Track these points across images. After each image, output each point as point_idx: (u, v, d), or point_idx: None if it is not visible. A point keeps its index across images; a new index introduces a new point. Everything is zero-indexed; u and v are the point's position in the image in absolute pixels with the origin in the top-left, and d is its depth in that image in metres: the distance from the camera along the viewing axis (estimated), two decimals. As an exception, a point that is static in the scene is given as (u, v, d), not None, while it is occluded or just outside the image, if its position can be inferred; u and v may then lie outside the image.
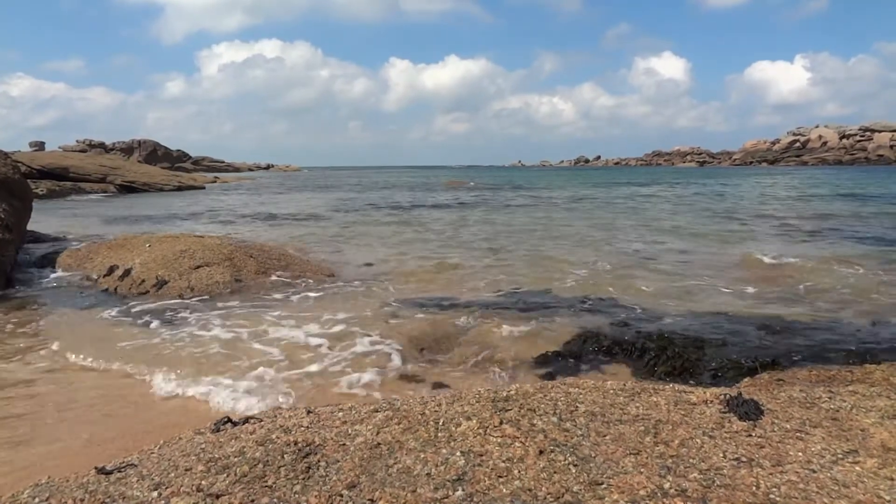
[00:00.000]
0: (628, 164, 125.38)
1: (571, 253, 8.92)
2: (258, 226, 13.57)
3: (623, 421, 2.03)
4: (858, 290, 6.18)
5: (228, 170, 77.34)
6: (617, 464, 1.75)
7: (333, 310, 5.52)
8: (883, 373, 2.81)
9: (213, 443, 2.01)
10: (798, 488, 1.62)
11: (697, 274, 7.22)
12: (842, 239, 10.34)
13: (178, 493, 1.67)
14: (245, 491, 1.66)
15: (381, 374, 3.95)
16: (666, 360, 4.03)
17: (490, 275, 7.26)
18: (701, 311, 5.37)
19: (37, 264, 7.67)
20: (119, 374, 3.97)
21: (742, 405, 2.11)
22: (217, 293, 5.98)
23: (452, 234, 11.67)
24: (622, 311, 5.41)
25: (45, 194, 22.19)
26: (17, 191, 8.05)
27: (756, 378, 3.18)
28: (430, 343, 4.51)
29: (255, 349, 4.43)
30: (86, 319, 5.31)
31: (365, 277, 7.10)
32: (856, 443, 1.88)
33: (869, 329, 4.81)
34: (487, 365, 4.08)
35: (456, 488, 1.65)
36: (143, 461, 1.91)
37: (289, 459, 1.83)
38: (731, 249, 9.19)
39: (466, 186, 34.39)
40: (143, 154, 61.25)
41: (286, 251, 7.75)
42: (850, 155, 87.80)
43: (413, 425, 2.04)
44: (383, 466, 1.78)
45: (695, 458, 1.77)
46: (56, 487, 1.76)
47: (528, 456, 1.80)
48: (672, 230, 11.98)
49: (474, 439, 1.92)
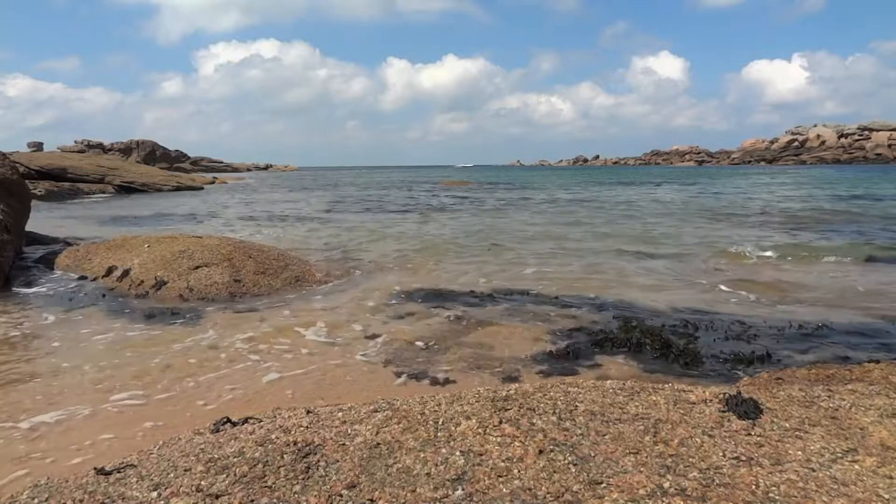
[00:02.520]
0: (627, 163, 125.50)
1: (570, 254, 8.93)
2: (257, 226, 13.56)
3: (622, 420, 2.03)
4: (853, 290, 6.20)
5: (227, 170, 77.30)
6: (616, 463, 1.75)
7: (332, 310, 5.52)
8: (882, 371, 2.81)
9: (212, 443, 2.01)
10: (797, 487, 1.62)
11: (694, 273, 7.23)
12: (837, 237, 10.36)
13: (177, 494, 1.66)
14: (244, 491, 1.66)
15: (380, 373, 3.95)
16: (672, 358, 4.06)
17: (490, 275, 7.26)
18: (695, 309, 5.38)
19: (35, 265, 7.66)
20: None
21: (741, 404, 2.11)
22: (216, 294, 5.97)
23: (452, 234, 11.67)
24: (619, 309, 5.42)
25: (44, 195, 22.17)
26: (16, 191, 8.05)
27: (755, 377, 3.18)
28: (430, 342, 4.51)
29: (252, 352, 4.43)
30: (85, 320, 5.30)
31: (363, 277, 7.10)
32: (855, 441, 1.88)
33: (865, 327, 4.82)
34: (486, 364, 4.08)
35: (455, 488, 1.65)
36: (143, 461, 1.91)
37: (288, 459, 1.83)
38: (721, 247, 9.20)
39: (466, 187, 34.39)
40: (141, 154, 61.18)
41: (285, 251, 7.74)
42: (848, 154, 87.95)
43: (412, 425, 2.04)
44: (383, 466, 1.78)
45: (694, 457, 1.78)
46: (55, 488, 1.76)
47: (527, 455, 1.80)
48: (667, 233, 12.00)
49: (474, 439, 1.92)
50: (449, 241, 10.36)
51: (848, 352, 4.19)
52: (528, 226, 13.08)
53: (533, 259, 8.37)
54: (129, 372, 3.96)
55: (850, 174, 44.82)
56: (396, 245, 9.94)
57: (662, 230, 11.86)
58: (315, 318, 5.21)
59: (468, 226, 13.15)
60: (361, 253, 9.03)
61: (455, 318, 5.18)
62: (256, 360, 4.18)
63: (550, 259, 8.37)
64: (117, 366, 4.08)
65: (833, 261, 7.91)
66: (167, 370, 4.00)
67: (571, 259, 8.35)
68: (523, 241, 10.41)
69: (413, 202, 21.59)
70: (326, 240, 10.74)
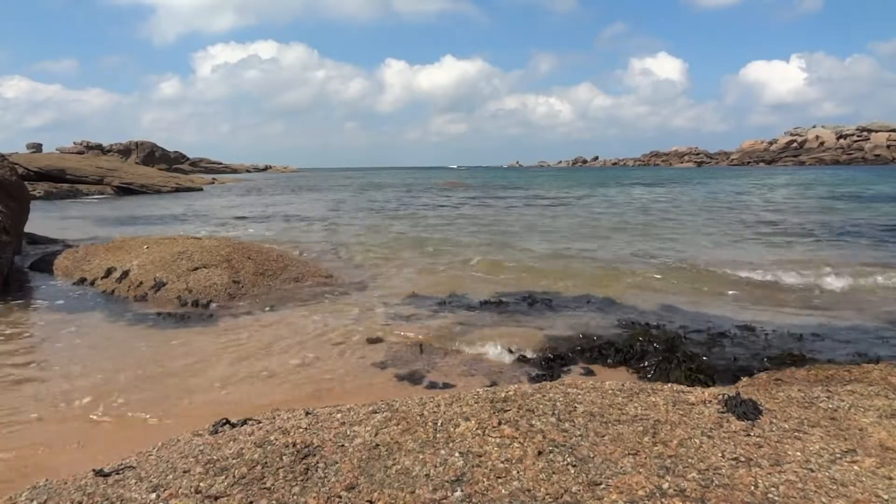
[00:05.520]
0: (626, 164, 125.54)
1: (560, 254, 8.93)
2: (256, 227, 13.55)
3: (621, 421, 2.03)
4: (850, 293, 6.20)
5: (226, 171, 77.26)
6: (615, 464, 1.75)
7: (331, 311, 5.52)
8: (881, 372, 2.81)
9: (211, 444, 2.00)
10: (796, 488, 1.62)
11: (691, 274, 7.23)
12: (833, 240, 10.36)
13: (176, 495, 1.66)
14: (243, 492, 1.66)
15: (379, 375, 3.95)
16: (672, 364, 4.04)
17: (489, 274, 7.26)
18: (692, 313, 5.38)
19: (34, 266, 7.65)
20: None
21: (740, 405, 2.11)
22: (215, 295, 5.96)
23: (452, 236, 11.67)
24: (619, 311, 5.42)
25: (43, 196, 22.17)
26: (15, 193, 8.04)
27: (754, 378, 3.18)
28: (429, 343, 4.51)
29: (252, 352, 4.42)
30: (84, 321, 5.29)
31: (362, 278, 7.10)
32: (854, 442, 1.88)
33: (865, 329, 4.82)
34: (485, 365, 4.08)
35: (454, 489, 1.65)
36: (142, 463, 1.91)
37: (287, 461, 1.83)
38: (717, 251, 9.20)
39: (464, 188, 34.37)
40: (140, 155, 61.11)
41: (284, 253, 7.74)
42: (847, 155, 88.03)
43: (411, 426, 2.03)
44: (382, 467, 1.77)
45: (693, 458, 1.77)
46: (54, 490, 1.76)
47: (526, 456, 1.80)
48: (668, 233, 11.99)
49: (473, 440, 1.92)
50: (448, 243, 10.36)
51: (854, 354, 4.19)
52: (528, 227, 13.08)
53: (533, 260, 8.37)
54: (130, 372, 3.95)
55: (852, 174, 44.86)
56: (395, 246, 9.94)
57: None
58: (314, 319, 5.20)
59: (467, 227, 13.15)
60: (360, 254, 9.02)
61: (455, 319, 5.17)
62: (255, 361, 4.18)
63: (551, 259, 8.37)
64: (117, 368, 4.08)
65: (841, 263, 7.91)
66: (167, 370, 4.00)
67: (573, 261, 8.35)
68: (524, 241, 10.40)
69: (412, 203, 21.59)
70: (325, 241, 10.74)
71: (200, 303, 5.76)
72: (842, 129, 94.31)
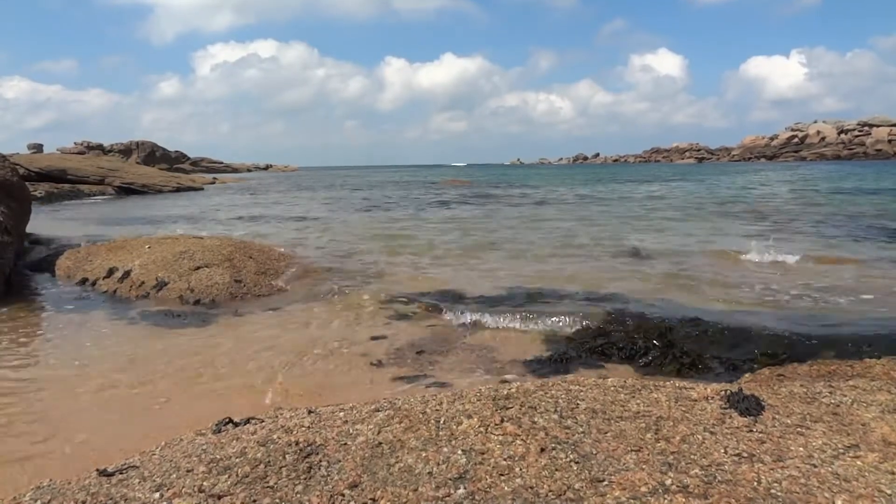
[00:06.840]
0: (627, 160, 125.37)
1: (562, 255, 8.93)
2: (257, 226, 13.56)
3: (624, 418, 2.03)
4: (848, 287, 6.19)
5: (227, 170, 77.23)
6: (618, 461, 1.75)
7: (334, 310, 5.52)
8: (883, 367, 2.81)
9: (214, 444, 2.01)
10: (799, 483, 1.62)
11: (692, 273, 7.22)
12: (834, 234, 10.35)
13: (179, 495, 1.67)
14: (247, 491, 1.66)
15: (381, 373, 3.95)
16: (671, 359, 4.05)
17: (488, 274, 7.26)
18: (692, 307, 5.37)
19: (36, 267, 7.67)
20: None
21: (743, 401, 2.11)
22: (217, 294, 5.97)
23: (451, 234, 11.66)
24: (621, 306, 5.41)
25: (44, 196, 22.17)
26: (16, 193, 8.04)
27: (756, 373, 3.18)
28: (429, 342, 4.51)
29: (250, 353, 4.43)
30: (86, 322, 5.31)
31: (363, 277, 7.10)
32: (857, 437, 1.88)
33: (864, 322, 4.81)
34: (487, 363, 4.09)
35: (457, 487, 1.65)
36: (145, 462, 1.91)
37: (290, 459, 1.83)
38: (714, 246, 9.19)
39: (466, 186, 34.35)
40: (141, 155, 61.11)
41: (286, 252, 7.75)
42: (848, 150, 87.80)
43: (414, 424, 2.04)
44: (385, 465, 1.78)
45: (696, 455, 1.77)
46: (58, 490, 1.76)
47: (529, 454, 1.80)
48: (666, 227, 11.99)
49: (475, 437, 1.92)
50: (449, 242, 10.36)
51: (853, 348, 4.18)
52: (528, 226, 13.07)
53: (532, 258, 8.37)
54: (129, 373, 3.96)
55: (852, 169, 44.78)
56: (397, 245, 9.93)
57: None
58: (316, 318, 5.21)
59: (469, 226, 13.14)
60: (362, 253, 9.02)
61: (457, 319, 5.17)
62: (257, 361, 4.19)
63: (551, 259, 8.37)
64: (118, 368, 4.09)
65: (841, 259, 7.90)
66: (167, 371, 4.01)
67: (574, 260, 8.34)
68: (523, 241, 10.40)
69: (413, 202, 21.58)
70: (327, 240, 10.74)
71: (202, 302, 5.77)
72: (843, 124, 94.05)
